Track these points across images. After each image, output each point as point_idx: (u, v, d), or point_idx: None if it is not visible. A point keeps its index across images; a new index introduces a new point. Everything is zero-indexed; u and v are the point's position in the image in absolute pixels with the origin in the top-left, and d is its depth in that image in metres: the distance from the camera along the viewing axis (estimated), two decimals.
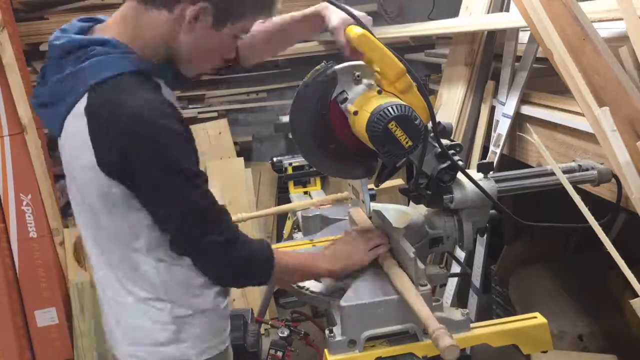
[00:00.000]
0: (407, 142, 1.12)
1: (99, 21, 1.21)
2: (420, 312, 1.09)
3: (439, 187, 1.33)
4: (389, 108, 1.10)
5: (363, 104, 1.16)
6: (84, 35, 1.13)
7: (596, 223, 1.20)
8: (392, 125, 1.10)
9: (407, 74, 1.17)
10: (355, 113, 1.17)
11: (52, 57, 1.11)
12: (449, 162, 1.30)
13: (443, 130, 1.31)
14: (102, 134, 1.02)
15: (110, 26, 1.15)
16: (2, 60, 2.64)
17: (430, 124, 1.22)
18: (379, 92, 1.17)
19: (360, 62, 1.23)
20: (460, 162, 1.31)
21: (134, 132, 1.01)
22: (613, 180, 1.49)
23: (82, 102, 1.03)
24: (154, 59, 1.13)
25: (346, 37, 1.23)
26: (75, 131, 1.05)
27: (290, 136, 2.82)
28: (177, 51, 1.14)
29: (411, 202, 1.48)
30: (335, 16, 1.30)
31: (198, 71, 1.25)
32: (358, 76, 1.24)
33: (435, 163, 1.30)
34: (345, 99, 1.22)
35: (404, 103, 1.12)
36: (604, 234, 1.19)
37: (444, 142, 1.36)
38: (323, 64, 1.25)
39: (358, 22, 1.22)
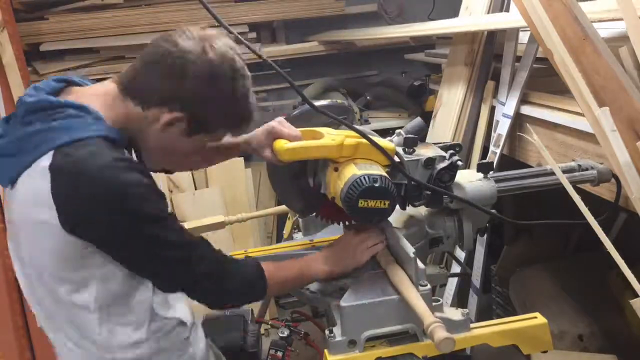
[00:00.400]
0: (384, 204, 1.15)
1: (75, 83, 1.18)
2: (416, 307, 1.09)
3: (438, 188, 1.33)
4: (348, 190, 1.13)
5: (332, 190, 1.21)
6: (56, 95, 1.11)
7: (595, 222, 1.20)
8: (361, 203, 1.13)
9: (343, 144, 1.20)
10: (333, 199, 1.21)
11: (19, 112, 1.09)
12: (448, 162, 1.30)
13: (409, 140, 1.32)
14: (68, 194, 1.01)
15: (87, 96, 1.12)
16: (2, 60, 2.64)
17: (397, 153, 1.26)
18: (336, 170, 1.21)
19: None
20: (459, 163, 1.31)
21: (100, 198, 1.00)
22: (613, 180, 1.49)
23: (46, 160, 1.01)
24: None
25: (278, 156, 1.25)
26: (33, 188, 1.03)
27: None
28: (145, 143, 1.15)
29: None
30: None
31: (159, 167, 1.27)
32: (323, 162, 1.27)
33: (425, 171, 1.31)
34: (320, 184, 1.28)
35: (357, 175, 1.14)
36: (604, 233, 1.19)
37: (443, 142, 1.37)
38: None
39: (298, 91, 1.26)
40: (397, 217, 1.48)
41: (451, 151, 1.33)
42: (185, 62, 1.07)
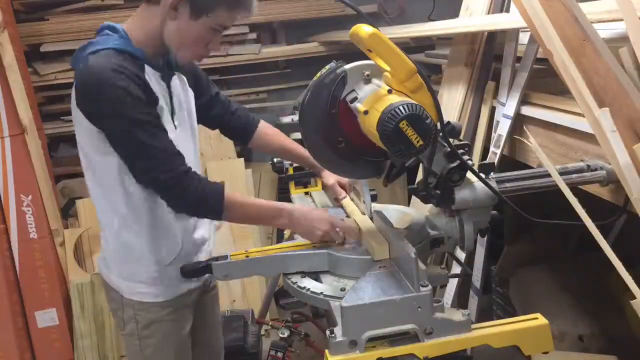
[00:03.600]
0: (418, 141, 1.11)
1: None
2: None
3: (448, 187, 1.33)
4: (401, 107, 1.10)
5: (373, 103, 1.16)
6: None
7: (593, 225, 1.20)
8: (403, 124, 1.09)
9: (417, 74, 1.16)
10: (366, 112, 1.17)
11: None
12: (458, 162, 1.30)
13: (452, 130, 1.31)
14: (77, 89, 1.35)
15: (127, 20, 1.44)
16: (3, 61, 2.64)
17: (439, 124, 1.22)
18: (389, 92, 1.17)
19: (370, 62, 1.23)
20: (469, 162, 1.31)
21: (90, 88, 1.31)
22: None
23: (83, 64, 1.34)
24: (152, 49, 1.40)
25: (355, 36, 1.22)
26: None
27: (292, 136, 2.83)
28: (168, 42, 1.39)
29: (412, 203, 1.48)
30: (330, 176, 1.76)
31: (187, 58, 1.45)
32: (368, 75, 1.24)
33: (445, 162, 1.30)
34: (355, 98, 1.22)
35: (415, 102, 1.12)
36: (601, 235, 1.19)
37: (453, 141, 1.36)
38: (333, 63, 1.26)
39: (367, 20, 1.22)
40: (398, 218, 1.48)
41: (461, 151, 1.33)
42: None
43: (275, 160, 2.49)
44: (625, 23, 1.40)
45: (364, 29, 1.18)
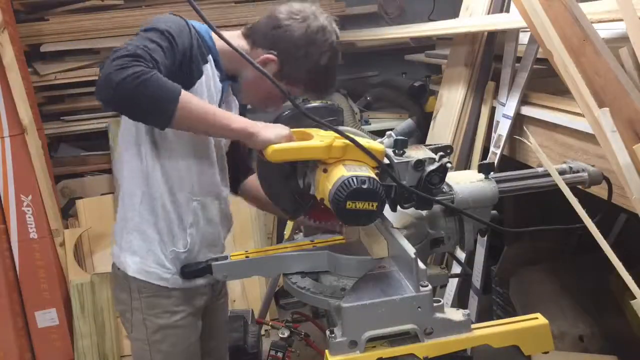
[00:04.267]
0: (372, 206, 1.14)
1: None
2: None
3: (428, 190, 1.33)
4: (335, 193, 1.12)
5: (321, 191, 1.20)
6: None
7: (593, 225, 1.20)
8: (349, 204, 1.12)
9: (332, 145, 1.19)
10: (322, 200, 1.20)
11: None
12: (438, 165, 1.30)
13: (402, 143, 1.31)
14: None
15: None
16: (3, 61, 2.64)
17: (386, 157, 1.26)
18: (325, 172, 1.20)
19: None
20: (448, 165, 1.31)
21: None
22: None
23: None
24: (226, 64, 1.47)
25: (264, 154, 1.25)
26: None
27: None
28: (243, 76, 1.48)
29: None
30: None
31: (247, 101, 1.58)
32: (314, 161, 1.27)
33: (415, 173, 1.31)
34: (310, 185, 1.28)
35: (346, 177, 1.13)
36: (601, 236, 1.19)
37: (435, 144, 1.38)
38: None
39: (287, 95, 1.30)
40: (398, 218, 1.48)
41: (441, 153, 1.33)
42: (292, 22, 1.42)
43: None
44: (625, 23, 1.40)
45: (268, 152, 1.22)
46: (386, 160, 1.26)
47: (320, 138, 1.22)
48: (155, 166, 1.44)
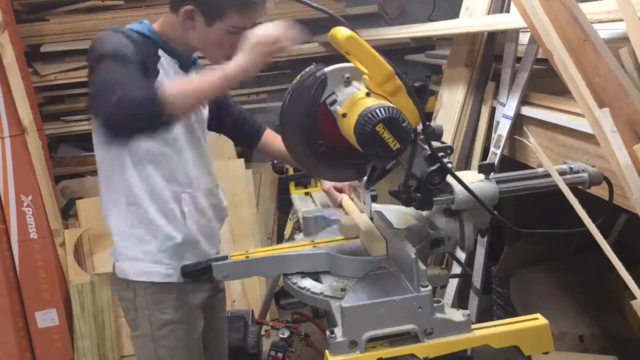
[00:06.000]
0: (394, 145, 1.12)
1: None
2: None
3: (428, 190, 1.32)
4: (377, 110, 1.10)
5: (351, 106, 1.16)
6: None
7: (593, 225, 1.20)
8: (379, 127, 1.10)
9: (395, 77, 1.16)
10: (344, 115, 1.17)
11: None
12: (438, 165, 1.30)
13: (433, 133, 1.31)
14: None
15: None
16: (3, 61, 2.64)
17: (420, 127, 1.22)
18: (368, 95, 1.17)
19: (350, 64, 1.23)
20: (449, 165, 1.31)
21: (92, 48, 1.37)
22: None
23: None
24: (179, 45, 1.48)
25: (333, 39, 1.23)
26: None
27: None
28: (192, 44, 1.48)
29: None
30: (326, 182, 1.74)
31: (215, 60, 1.48)
32: (348, 78, 1.24)
33: (425, 165, 1.30)
34: (335, 101, 1.22)
35: (392, 105, 1.12)
36: (602, 236, 1.19)
37: (434, 144, 1.37)
38: (312, 66, 1.26)
39: (343, 23, 1.22)
40: (398, 218, 1.48)
41: (441, 153, 1.33)
42: None
43: (275, 160, 2.50)
44: (625, 23, 1.40)
45: (341, 32, 1.18)
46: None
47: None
48: (136, 169, 1.46)
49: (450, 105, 2.44)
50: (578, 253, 2.65)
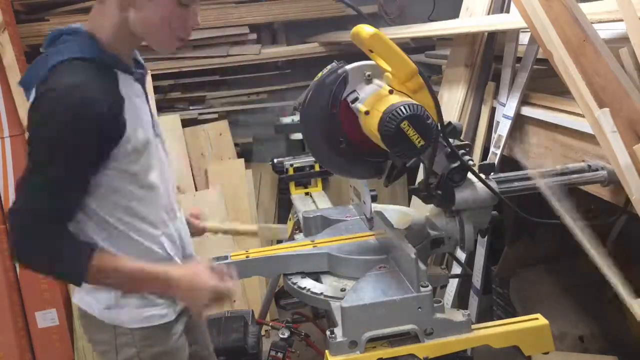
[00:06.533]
0: (419, 142, 1.12)
1: None
2: None
3: (449, 187, 1.33)
4: (402, 107, 1.10)
5: (374, 104, 1.17)
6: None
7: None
8: (404, 124, 1.10)
9: (418, 74, 1.17)
10: (367, 113, 1.17)
11: (45, 43, 1.23)
12: (459, 162, 1.30)
13: (453, 130, 1.31)
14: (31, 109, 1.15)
15: (87, 22, 1.24)
16: (3, 61, 2.64)
17: (439, 125, 1.22)
18: (390, 92, 1.17)
19: (371, 62, 1.24)
20: (470, 162, 1.31)
21: (44, 110, 1.12)
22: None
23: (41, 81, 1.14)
24: (122, 46, 1.22)
25: (356, 36, 1.23)
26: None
27: (292, 137, 2.83)
28: (136, 31, 1.21)
29: (412, 203, 1.48)
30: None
31: (167, 45, 1.26)
32: (369, 76, 1.24)
33: (446, 163, 1.30)
34: (356, 99, 1.22)
35: (416, 102, 1.12)
36: (585, 240, 1.19)
37: (453, 142, 1.36)
38: (334, 63, 1.26)
39: (367, 20, 1.22)
40: (398, 218, 1.48)
41: (462, 151, 1.33)
42: None
43: (275, 160, 2.50)
44: (625, 23, 1.40)
45: (365, 30, 1.18)
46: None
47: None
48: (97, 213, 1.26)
49: (450, 105, 2.44)
50: (578, 253, 2.65)
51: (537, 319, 1.23)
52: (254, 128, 3.63)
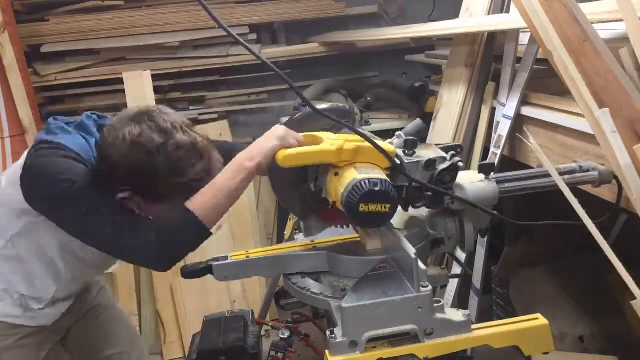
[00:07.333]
0: (385, 208, 1.15)
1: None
2: None
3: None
4: (348, 196, 1.13)
5: (333, 194, 1.21)
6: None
7: (593, 225, 1.20)
8: (362, 207, 1.13)
9: (342, 148, 1.19)
10: (334, 203, 1.21)
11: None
12: (449, 163, 1.30)
13: (413, 143, 1.32)
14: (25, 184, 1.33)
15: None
16: (3, 61, 2.65)
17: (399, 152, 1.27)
18: (336, 175, 1.21)
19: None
20: (460, 164, 1.31)
21: (47, 193, 1.30)
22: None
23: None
24: None
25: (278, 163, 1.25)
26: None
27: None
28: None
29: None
30: None
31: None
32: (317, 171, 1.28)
33: (426, 172, 1.31)
34: (321, 189, 1.28)
35: (357, 178, 1.14)
36: (601, 236, 1.19)
37: (443, 144, 1.37)
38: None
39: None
40: (398, 218, 1.48)
41: (452, 152, 1.33)
42: (113, 147, 1.30)
43: None
44: (626, 23, 1.40)
45: (281, 151, 1.24)
46: (397, 161, 1.26)
47: (330, 142, 1.22)
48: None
49: (450, 106, 2.44)
50: (578, 253, 2.65)
51: (537, 319, 1.23)
52: (254, 128, 3.63)
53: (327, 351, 1.16)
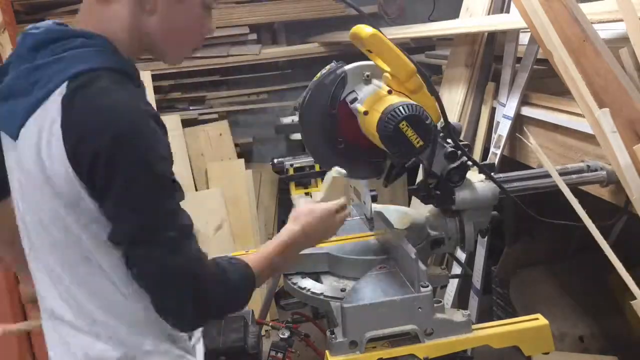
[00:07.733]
0: (418, 142, 1.12)
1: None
2: None
3: (448, 187, 1.33)
4: (400, 107, 1.10)
5: (373, 104, 1.17)
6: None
7: (593, 225, 1.20)
8: (403, 125, 1.10)
9: (417, 74, 1.17)
10: (365, 113, 1.17)
11: (23, 47, 1.04)
12: (459, 162, 1.30)
13: (452, 130, 1.31)
14: (79, 126, 0.91)
15: (80, 24, 1.07)
16: (3, 61, 2.64)
17: (439, 124, 1.23)
18: (389, 92, 1.18)
19: (370, 62, 1.24)
20: (469, 163, 1.31)
21: (116, 129, 0.90)
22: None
23: (58, 93, 0.93)
24: (134, 55, 1.05)
25: (355, 37, 1.23)
26: (48, 119, 0.93)
27: (292, 137, 2.83)
28: (152, 38, 1.03)
29: (412, 203, 1.48)
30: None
31: (181, 55, 1.10)
32: (368, 76, 1.24)
33: (445, 163, 1.31)
34: (355, 99, 1.23)
35: (415, 103, 1.12)
36: (601, 236, 1.19)
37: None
38: (333, 63, 1.27)
39: (368, 20, 1.23)
40: (398, 219, 1.48)
41: (461, 151, 1.33)
42: None
43: (275, 160, 2.50)
44: (626, 23, 1.40)
45: (364, 30, 1.18)
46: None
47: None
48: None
49: (450, 105, 2.44)
50: (578, 253, 2.65)
51: (537, 319, 1.23)
52: (254, 128, 3.63)
53: (327, 351, 1.16)
